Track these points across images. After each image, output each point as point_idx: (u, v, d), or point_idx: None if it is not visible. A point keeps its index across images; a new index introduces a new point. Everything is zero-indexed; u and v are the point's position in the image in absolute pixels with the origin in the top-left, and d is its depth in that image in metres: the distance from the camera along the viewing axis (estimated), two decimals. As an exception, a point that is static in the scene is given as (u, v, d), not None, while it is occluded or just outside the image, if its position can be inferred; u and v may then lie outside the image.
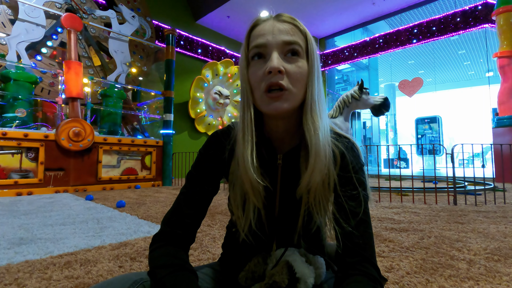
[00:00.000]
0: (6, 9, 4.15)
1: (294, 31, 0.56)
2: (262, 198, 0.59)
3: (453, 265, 1.19)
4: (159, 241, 0.59)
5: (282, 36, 0.54)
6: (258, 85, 0.55)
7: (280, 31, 0.55)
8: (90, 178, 4.20)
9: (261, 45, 0.55)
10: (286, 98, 0.54)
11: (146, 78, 5.88)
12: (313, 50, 0.57)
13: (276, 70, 0.52)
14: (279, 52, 0.54)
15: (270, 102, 0.54)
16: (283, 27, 0.55)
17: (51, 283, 1.02)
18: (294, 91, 0.55)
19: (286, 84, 0.54)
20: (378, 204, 2.93)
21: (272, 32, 0.55)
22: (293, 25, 0.56)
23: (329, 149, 0.57)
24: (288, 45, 0.54)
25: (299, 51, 0.55)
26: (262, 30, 0.56)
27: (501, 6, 5.70)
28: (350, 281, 0.50)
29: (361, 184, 0.58)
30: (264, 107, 0.56)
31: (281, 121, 0.60)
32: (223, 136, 0.65)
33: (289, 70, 0.54)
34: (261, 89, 0.55)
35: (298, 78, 0.55)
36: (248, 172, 0.56)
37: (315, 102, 0.57)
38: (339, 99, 3.92)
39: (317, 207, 0.58)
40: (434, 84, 14.68)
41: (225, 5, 7.47)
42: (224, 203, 2.90)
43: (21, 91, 3.94)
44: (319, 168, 0.55)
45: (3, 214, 2.31)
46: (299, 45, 0.55)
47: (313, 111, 0.56)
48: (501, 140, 5.41)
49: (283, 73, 0.53)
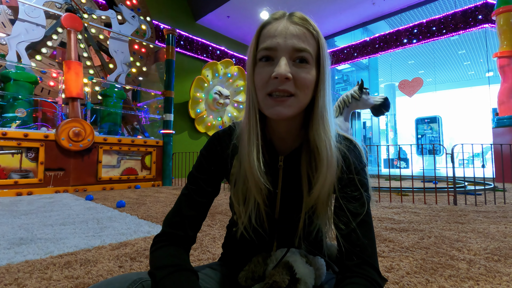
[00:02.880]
0: (6, 9, 4.14)
1: (306, 36, 0.54)
2: (264, 196, 0.59)
3: (453, 265, 1.19)
4: (160, 242, 0.59)
5: (293, 41, 0.52)
6: (262, 87, 0.54)
7: (292, 36, 0.52)
8: (90, 178, 4.20)
9: (271, 48, 0.53)
10: (291, 104, 0.53)
11: (146, 78, 5.88)
12: (325, 57, 0.55)
13: (283, 77, 0.51)
14: (287, 58, 0.52)
15: (273, 105, 0.53)
16: (296, 30, 0.53)
17: (51, 283, 1.02)
18: (300, 97, 0.54)
19: (292, 90, 0.53)
20: (378, 204, 2.93)
21: (285, 36, 0.52)
22: (306, 29, 0.54)
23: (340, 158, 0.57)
24: (298, 52, 0.52)
25: (309, 58, 0.53)
26: (274, 31, 0.54)
27: (501, 6, 5.70)
28: (348, 282, 0.50)
29: (363, 185, 0.57)
30: (266, 110, 0.55)
31: (283, 123, 0.59)
32: (224, 137, 0.65)
33: (296, 76, 0.52)
34: (264, 92, 0.54)
35: (305, 85, 0.53)
36: (255, 174, 0.56)
37: (325, 110, 0.55)
38: (339, 99, 3.92)
39: (319, 211, 0.58)
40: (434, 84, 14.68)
41: (225, 5, 7.48)
42: (224, 203, 2.90)
43: (21, 91, 3.94)
44: (330, 180, 0.55)
45: (3, 214, 2.31)
46: (309, 52, 0.53)
47: (325, 121, 0.55)
48: (501, 140, 5.42)
49: (290, 80, 0.52)
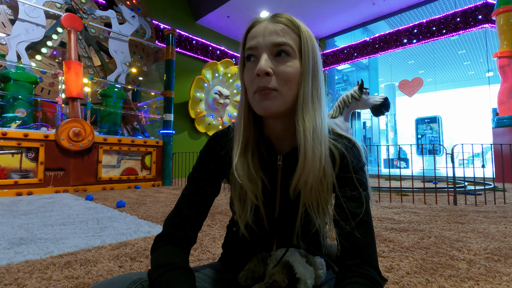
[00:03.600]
0: (6, 9, 4.14)
1: (285, 31, 0.55)
2: (260, 196, 0.60)
3: (453, 265, 1.19)
4: (160, 242, 0.60)
5: (271, 38, 0.54)
6: (250, 85, 0.56)
7: (271, 33, 0.54)
8: (90, 178, 4.20)
9: (253, 47, 0.55)
10: (274, 97, 0.54)
11: (146, 78, 5.88)
12: (308, 49, 0.56)
13: (263, 72, 0.52)
14: (268, 54, 0.54)
15: (260, 101, 0.55)
16: (274, 28, 0.55)
17: (51, 283, 1.02)
18: (283, 91, 0.54)
19: (273, 85, 0.54)
20: (378, 204, 2.93)
21: (263, 34, 0.55)
22: (285, 25, 0.55)
23: (325, 151, 0.56)
24: (277, 46, 0.54)
25: (290, 51, 0.54)
26: (256, 32, 0.56)
27: (501, 6, 5.71)
28: (348, 282, 0.50)
29: (362, 184, 0.57)
30: (255, 107, 0.57)
31: (277, 120, 0.60)
32: (224, 137, 0.65)
33: (277, 71, 0.54)
34: (252, 90, 0.56)
35: (287, 78, 0.54)
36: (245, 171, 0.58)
37: (307, 102, 0.56)
38: (339, 99, 3.92)
39: (315, 209, 0.58)
40: (434, 84, 14.68)
41: (225, 5, 7.48)
42: (224, 203, 2.90)
43: (21, 91, 3.94)
44: (308, 169, 0.54)
45: (3, 214, 2.31)
46: (289, 45, 0.54)
47: (305, 111, 0.56)
48: (501, 140, 5.42)
49: (271, 75, 0.53)
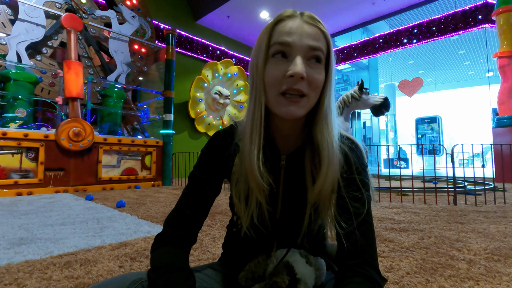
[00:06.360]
0: (6, 9, 4.14)
1: (319, 36, 0.54)
2: (266, 195, 0.59)
3: (453, 265, 1.19)
4: (160, 242, 0.59)
5: (308, 40, 0.52)
6: (275, 85, 0.53)
7: (308, 35, 0.53)
8: (90, 178, 4.20)
9: (287, 43, 0.52)
10: (303, 104, 0.53)
11: (146, 78, 5.88)
12: (332, 58, 0.56)
13: (299, 76, 0.50)
14: (302, 56, 0.52)
15: (286, 105, 0.52)
16: (311, 30, 0.53)
17: (51, 283, 1.02)
18: (311, 97, 0.54)
19: (305, 91, 0.52)
20: (378, 204, 2.92)
21: (300, 34, 0.52)
22: (318, 28, 0.54)
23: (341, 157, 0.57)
24: (313, 50, 0.52)
25: (321, 57, 0.54)
26: (289, 28, 0.53)
27: (501, 6, 5.70)
28: (348, 282, 0.50)
29: (364, 185, 0.57)
30: (277, 109, 0.54)
31: (289, 122, 0.59)
32: (226, 136, 0.65)
33: (310, 77, 0.52)
34: (277, 90, 0.53)
35: (317, 86, 0.54)
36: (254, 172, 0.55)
37: (330, 110, 0.56)
38: (339, 99, 3.92)
39: (321, 210, 0.58)
40: (434, 84, 14.68)
41: (225, 5, 7.48)
42: (224, 203, 2.90)
43: (21, 91, 3.94)
44: (331, 177, 0.55)
45: (3, 214, 2.31)
46: (322, 52, 0.54)
47: (329, 121, 0.55)
48: (501, 140, 5.41)
49: (305, 79, 0.52)
